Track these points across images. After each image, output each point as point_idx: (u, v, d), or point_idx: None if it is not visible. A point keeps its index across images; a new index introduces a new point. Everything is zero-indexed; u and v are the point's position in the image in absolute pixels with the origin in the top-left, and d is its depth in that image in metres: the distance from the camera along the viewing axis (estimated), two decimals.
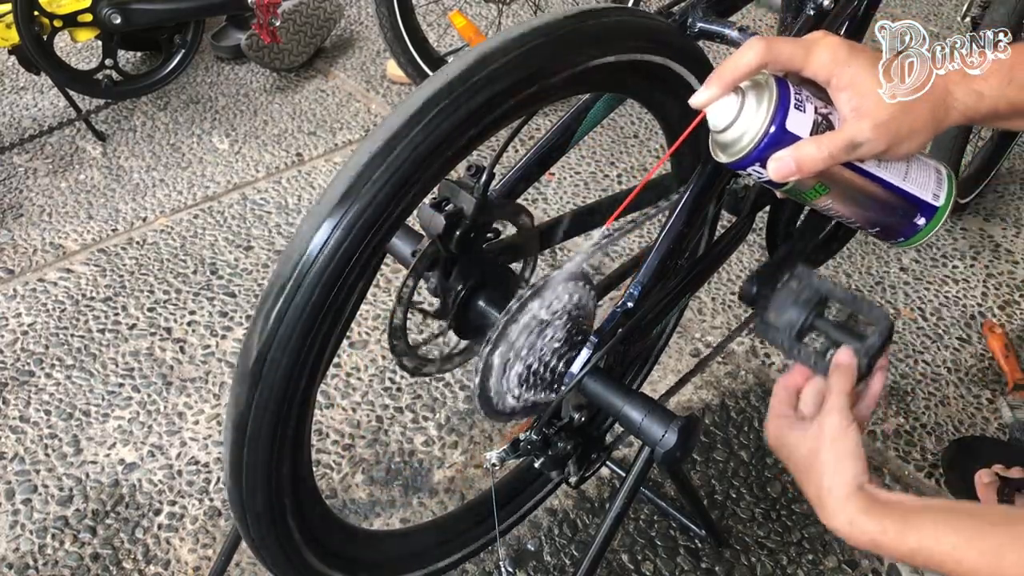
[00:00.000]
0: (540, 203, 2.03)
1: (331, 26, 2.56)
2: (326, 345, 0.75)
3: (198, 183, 2.08)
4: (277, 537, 0.83)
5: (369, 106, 2.41)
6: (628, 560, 1.31)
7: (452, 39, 2.62)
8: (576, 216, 1.10)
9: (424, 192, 0.74)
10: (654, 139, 2.27)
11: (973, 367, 1.66)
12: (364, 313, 1.71)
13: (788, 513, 1.39)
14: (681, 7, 1.07)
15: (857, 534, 0.74)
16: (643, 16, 0.86)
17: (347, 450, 1.46)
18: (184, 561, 1.30)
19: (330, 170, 2.14)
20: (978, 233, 2.00)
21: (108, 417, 1.51)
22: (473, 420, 1.51)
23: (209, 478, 1.42)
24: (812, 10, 1.03)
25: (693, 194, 0.94)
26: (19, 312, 1.70)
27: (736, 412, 1.55)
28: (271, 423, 0.75)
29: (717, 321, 1.73)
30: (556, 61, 0.76)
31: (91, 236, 1.91)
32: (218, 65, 2.56)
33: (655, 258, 0.94)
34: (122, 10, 2.10)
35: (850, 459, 0.78)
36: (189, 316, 1.71)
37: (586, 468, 0.97)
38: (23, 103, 2.36)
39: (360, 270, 0.72)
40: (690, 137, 0.83)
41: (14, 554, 1.30)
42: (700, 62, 0.93)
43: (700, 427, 1.04)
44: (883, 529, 0.73)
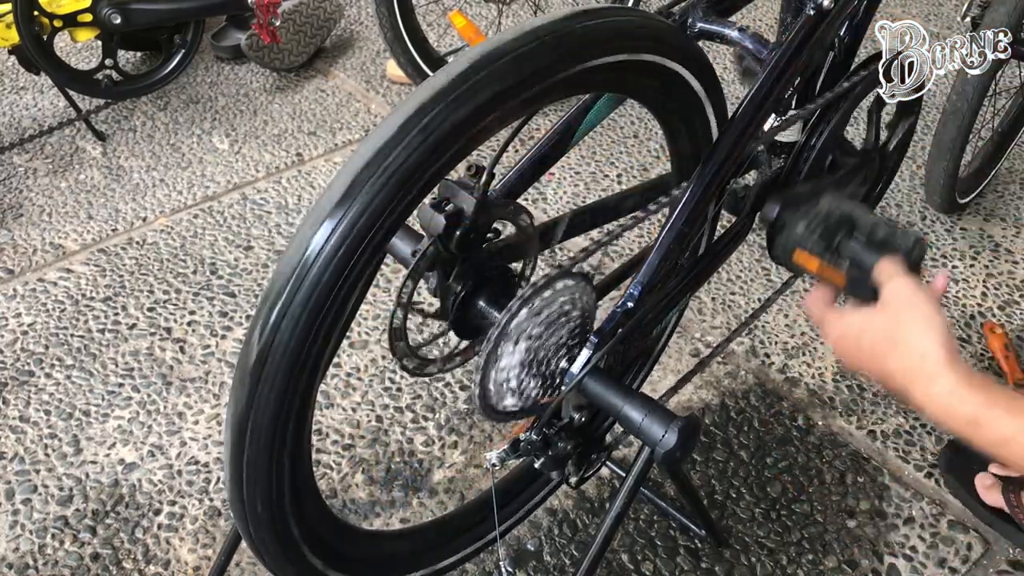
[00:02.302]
0: (540, 203, 2.03)
1: (331, 26, 2.56)
2: (326, 345, 0.75)
3: (198, 183, 2.08)
4: (277, 537, 0.83)
5: (369, 106, 2.41)
6: (628, 560, 1.31)
7: (452, 39, 2.62)
8: (576, 216, 1.10)
9: (424, 192, 0.74)
10: (654, 139, 2.27)
11: (973, 367, 1.66)
12: (364, 313, 1.71)
13: (788, 513, 1.39)
14: (681, 7, 1.07)
15: (957, 405, 0.67)
16: (643, 16, 0.86)
17: (347, 450, 1.46)
18: (184, 561, 1.30)
19: (330, 170, 2.14)
20: (978, 233, 2.00)
21: (108, 417, 1.51)
22: (473, 420, 1.51)
23: (209, 478, 1.42)
24: (812, 10, 1.03)
25: (693, 194, 0.94)
26: (19, 312, 1.70)
27: (736, 412, 1.55)
28: (271, 423, 0.75)
29: (717, 321, 1.73)
30: (556, 62, 0.76)
31: (91, 236, 1.91)
32: (218, 65, 2.56)
33: (655, 258, 0.94)
34: (122, 10, 2.10)
35: (937, 317, 0.70)
36: (189, 316, 1.71)
37: (586, 468, 0.97)
38: (23, 103, 2.36)
39: (360, 270, 0.72)
40: (690, 137, 0.83)
41: (14, 554, 1.30)
42: (700, 63, 0.93)
43: (700, 427, 1.05)
44: (989, 403, 0.65)
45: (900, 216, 2.03)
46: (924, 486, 1.44)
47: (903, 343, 0.71)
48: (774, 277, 1.84)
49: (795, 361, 1.65)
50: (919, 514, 1.39)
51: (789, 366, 1.64)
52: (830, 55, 1.19)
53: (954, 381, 0.68)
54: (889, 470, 1.46)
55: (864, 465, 1.46)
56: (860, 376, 1.62)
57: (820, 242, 0.81)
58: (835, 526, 1.37)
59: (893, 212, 2.04)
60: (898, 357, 0.71)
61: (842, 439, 1.51)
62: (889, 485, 1.43)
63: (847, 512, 1.39)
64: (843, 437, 1.51)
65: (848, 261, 0.80)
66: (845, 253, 0.81)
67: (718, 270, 1.32)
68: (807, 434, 1.51)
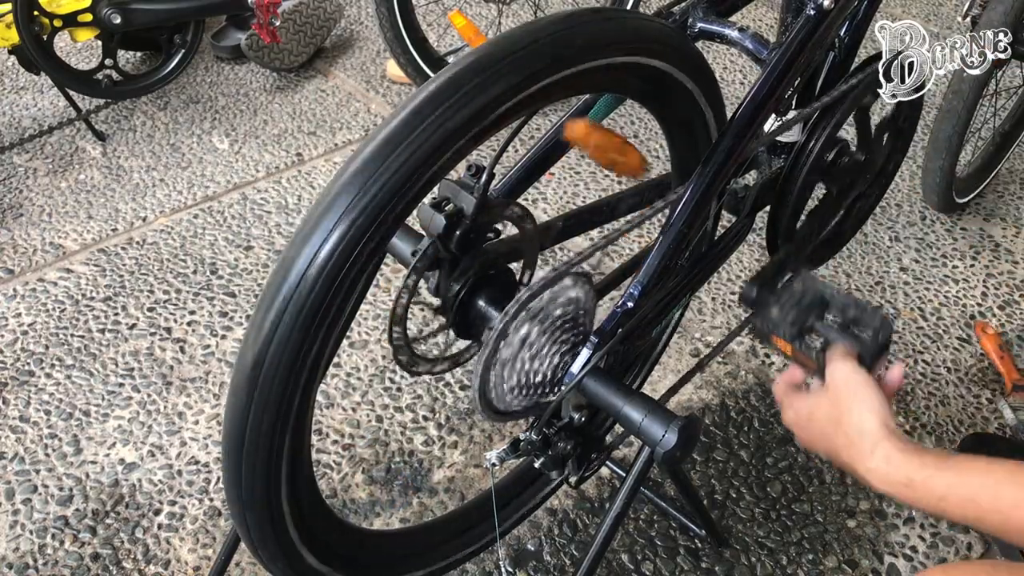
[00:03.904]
0: (540, 203, 2.03)
1: (331, 26, 2.56)
2: (326, 345, 0.75)
3: (198, 183, 2.08)
4: (276, 537, 0.83)
5: (369, 106, 2.41)
6: (628, 560, 1.31)
7: (452, 39, 2.62)
8: (576, 216, 1.10)
9: (424, 192, 0.74)
10: (654, 139, 2.27)
11: (973, 367, 1.66)
12: (364, 313, 1.71)
13: (788, 513, 1.39)
14: (681, 7, 1.07)
15: (892, 472, 0.71)
16: (642, 18, 0.87)
17: (347, 450, 1.46)
18: (184, 561, 1.30)
19: (330, 170, 2.14)
20: (978, 233, 2.00)
21: (108, 417, 1.51)
22: (473, 420, 1.51)
23: (209, 478, 1.42)
24: (812, 10, 1.03)
25: (693, 194, 0.94)
26: (19, 312, 1.70)
27: (736, 412, 1.55)
28: (271, 423, 0.75)
29: (717, 321, 1.73)
30: (555, 62, 0.76)
31: (91, 236, 1.91)
32: (218, 65, 2.56)
33: (655, 258, 0.94)
34: (122, 10, 2.10)
35: (875, 396, 0.75)
36: (189, 316, 1.71)
37: (586, 468, 0.97)
38: (23, 103, 2.36)
39: (360, 270, 0.72)
40: (689, 137, 0.83)
41: (14, 554, 1.30)
42: (698, 64, 0.93)
43: (700, 427, 1.05)
44: (921, 464, 0.70)
45: (900, 216, 2.03)
46: None
47: (844, 424, 0.77)
48: None
49: None
50: (919, 514, 1.39)
51: (788, 366, 1.64)
52: (830, 55, 1.19)
53: (888, 449, 0.73)
54: None
55: None
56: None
57: (792, 328, 0.87)
58: (835, 526, 1.37)
59: (893, 212, 2.04)
60: (841, 436, 0.77)
61: None
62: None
63: (847, 512, 1.39)
64: None
65: (817, 346, 0.86)
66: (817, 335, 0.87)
67: (718, 270, 1.33)
68: None
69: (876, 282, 1.85)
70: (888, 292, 1.82)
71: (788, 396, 0.87)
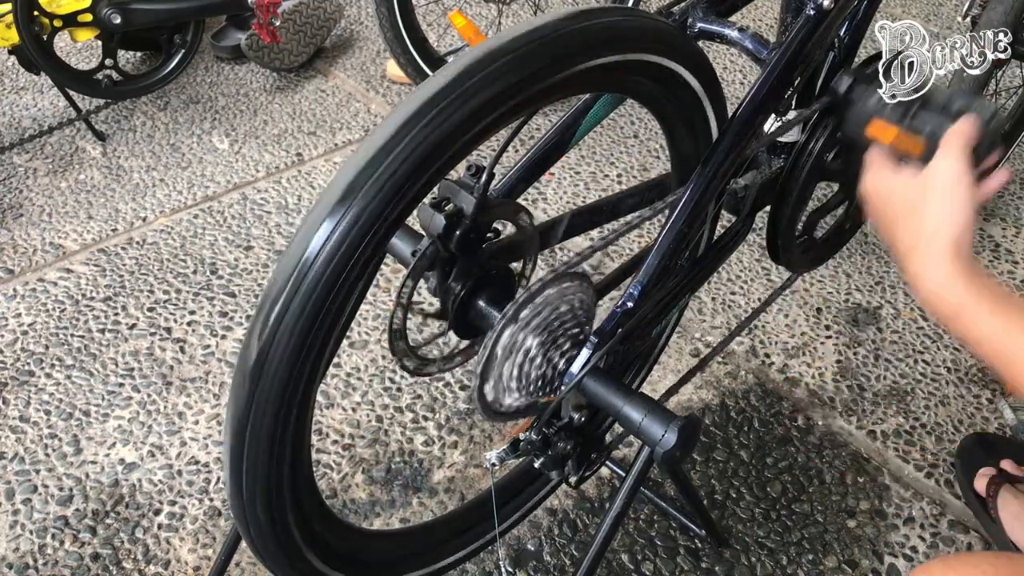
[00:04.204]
0: (540, 203, 2.03)
1: (331, 26, 2.56)
2: (326, 345, 0.75)
3: (198, 183, 2.08)
4: (277, 537, 0.83)
5: (369, 106, 2.41)
6: (628, 560, 1.31)
7: (452, 39, 2.62)
8: (576, 216, 1.10)
9: (424, 192, 0.74)
10: (654, 139, 2.27)
11: (973, 367, 1.66)
12: (364, 313, 1.71)
13: (788, 513, 1.39)
14: (681, 7, 1.07)
15: (946, 294, 0.67)
16: (643, 16, 0.86)
17: (347, 450, 1.46)
18: (184, 561, 1.30)
19: (330, 170, 2.14)
20: (978, 233, 2.00)
21: (108, 417, 1.51)
22: (473, 420, 1.51)
23: (209, 478, 1.42)
24: (812, 10, 1.03)
25: (693, 194, 0.94)
26: (19, 312, 1.70)
27: (736, 412, 1.55)
28: (271, 423, 0.75)
29: (717, 321, 1.73)
30: (555, 62, 0.76)
31: (91, 236, 1.91)
32: (218, 65, 2.56)
33: (655, 258, 0.94)
34: (122, 10, 2.10)
35: (964, 210, 0.70)
36: (189, 316, 1.71)
37: (586, 468, 0.97)
38: (23, 103, 2.36)
39: (360, 270, 0.72)
40: (690, 137, 0.83)
41: (14, 554, 1.30)
42: (699, 63, 0.93)
43: (700, 427, 1.05)
44: (978, 299, 0.65)
45: None
46: (924, 486, 1.44)
47: (919, 218, 0.71)
48: (774, 277, 1.84)
49: (795, 361, 1.65)
50: (919, 514, 1.39)
51: (789, 366, 1.64)
52: (830, 55, 1.19)
53: (951, 272, 0.68)
54: (889, 470, 1.46)
55: (864, 465, 1.46)
56: (859, 376, 1.62)
57: (897, 110, 0.80)
58: (835, 526, 1.37)
59: None
60: (912, 227, 0.71)
61: (842, 439, 1.51)
62: (889, 485, 1.43)
63: (847, 512, 1.39)
64: (843, 437, 1.51)
65: (926, 129, 0.78)
66: (921, 123, 0.79)
67: (718, 270, 1.33)
68: (807, 434, 1.51)
69: (876, 282, 1.85)
70: (888, 292, 1.82)
71: (880, 163, 0.79)
